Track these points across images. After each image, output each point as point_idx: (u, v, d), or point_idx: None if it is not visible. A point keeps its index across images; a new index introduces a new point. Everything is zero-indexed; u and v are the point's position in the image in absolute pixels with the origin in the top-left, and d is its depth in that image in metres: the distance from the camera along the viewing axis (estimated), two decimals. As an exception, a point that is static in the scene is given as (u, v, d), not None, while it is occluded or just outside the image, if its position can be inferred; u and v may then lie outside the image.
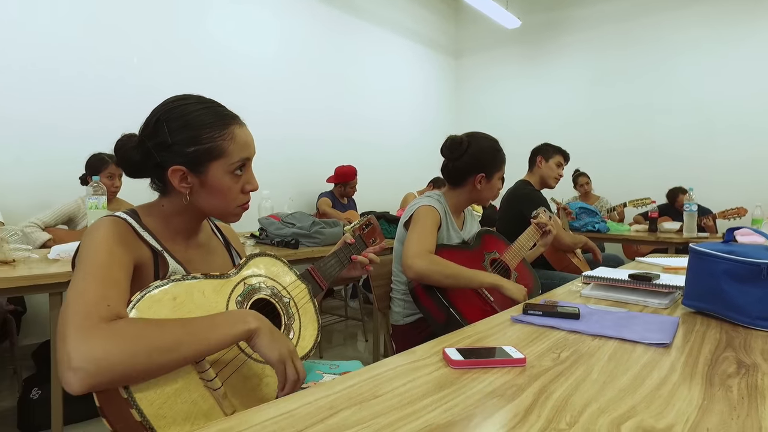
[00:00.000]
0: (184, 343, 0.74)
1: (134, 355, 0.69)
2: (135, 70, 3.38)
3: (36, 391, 2.20)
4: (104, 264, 0.80)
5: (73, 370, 0.65)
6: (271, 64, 4.21)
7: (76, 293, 0.75)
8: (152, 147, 0.92)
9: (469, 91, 6.25)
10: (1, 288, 1.58)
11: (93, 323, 0.70)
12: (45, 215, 2.64)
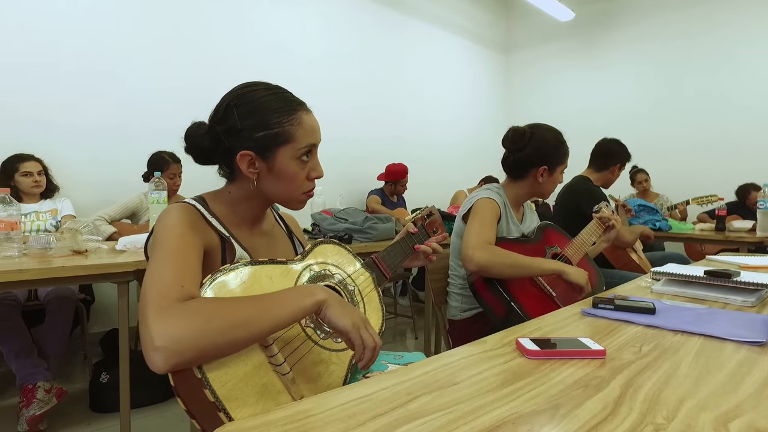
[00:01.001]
0: (255, 319, 0.74)
1: (210, 332, 0.70)
2: (187, 71, 3.48)
3: (105, 376, 2.31)
4: (177, 248, 0.82)
5: (156, 349, 0.67)
6: (319, 63, 4.26)
7: (152, 277, 0.77)
8: (222, 132, 0.93)
9: (519, 86, 6.11)
10: (76, 276, 1.66)
11: (169, 303, 0.71)
12: (111, 210, 2.77)
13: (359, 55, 4.56)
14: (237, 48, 3.74)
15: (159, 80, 3.36)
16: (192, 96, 3.48)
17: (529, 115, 5.99)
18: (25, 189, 2.63)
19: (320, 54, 4.26)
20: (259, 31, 3.86)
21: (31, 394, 2.04)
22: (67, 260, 1.75)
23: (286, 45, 4.02)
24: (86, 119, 3.07)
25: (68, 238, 1.89)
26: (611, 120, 5.27)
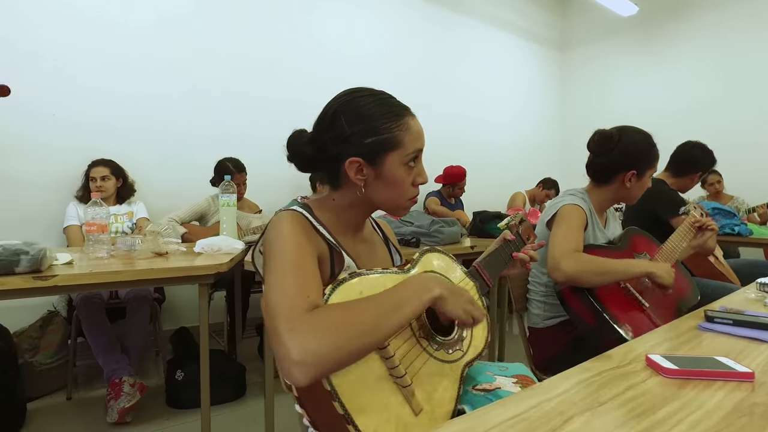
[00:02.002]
0: (382, 321, 0.74)
1: (344, 341, 0.70)
2: (245, 76, 3.55)
3: (180, 373, 2.38)
4: (296, 257, 0.82)
5: (296, 364, 0.67)
6: (376, 65, 4.26)
7: (277, 288, 0.77)
8: (329, 140, 0.93)
9: (576, 85, 5.93)
10: (162, 278, 1.72)
11: (298, 316, 0.71)
12: (181, 212, 2.86)
13: (415, 56, 4.54)
14: (292, 51, 3.78)
15: (220, 87, 3.45)
16: (251, 101, 3.57)
17: (586, 115, 5.81)
18: (92, 193, 2.75)
19: (376, 56, 4.27)
20: (315, 33, 3.90)
21: (119, 388, 2.13)
22: (150, 262, 1.81)
23: (342, 47, 4.04)
24: (154, 125, 3.18)
25: (151, 241, 1.96)
26: (676, 118, 5.03)
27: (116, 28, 3.05)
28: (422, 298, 0.79)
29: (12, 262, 1.47)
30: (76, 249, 2.31)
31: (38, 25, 2.81)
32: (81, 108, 2.94)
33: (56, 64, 2.86)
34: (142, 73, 3.14)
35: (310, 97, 3.82)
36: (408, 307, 0.77)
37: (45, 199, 2.85)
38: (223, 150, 3.18)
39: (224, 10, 3.45)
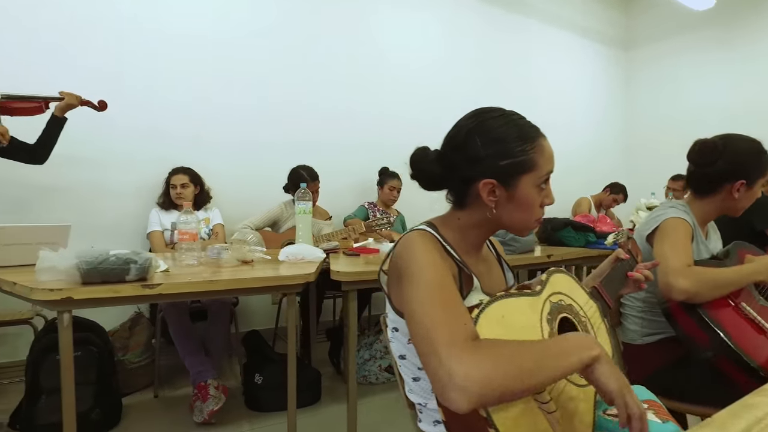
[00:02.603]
0: (544, 367, 0.72)
1: (508, 377, 0.69)
2: (309, 85, 3.61)
3: (258, 377, 2.45)
4: (441, 281, 0.82)
5: (459, 390, 0.67)
6: (434, 70, 4.24)
7: (429, 314, 0.76)
8: (460, 161, 0.93)
9: (641, 85, 5.70)
10: (255, 287, 1.77)
11: (462, 343, 0.71)
12: (255, 218, 2.94)
13: (474, 60, 4.49)
14: (354, 57, 3.81)
15: (289, 98, 3.53)
16: (318, 111, 3.63)
17: (652, 116, 5.57)
18: (173, 200, 2.87)
19: (436, 59, 4.25)
20: (375, 37, 3.91)
21: (205, 391, 2.21)
22: (237, 270, 1.87)
23: (402, 52, 4.04)
24: (229, 135, 3.30)
25: (237, 249, 2.02)
26: (758, 118, 4.75)
27: (194, 46, 3.17)
28: (583, 354, 0.75)
29: (123, 271, 1.55)
30: (159, 256, 2.41)
31: (124, 45, 2.96)
32: (160, 120, 3.08)
33: (137, 79, 3.00)
34: (217, 87, 3.25)
35: (371, 104, 3.86)
36: (568, 361, 0.74)
37: (129, 207, 3.01)
38: (294, 157, 3.25)
39: (294, 26, 3.53)
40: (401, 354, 0.98)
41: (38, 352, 2.11)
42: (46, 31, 2.74)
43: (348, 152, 3.73)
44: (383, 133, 3.91)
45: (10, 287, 1.58)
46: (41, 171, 2.40)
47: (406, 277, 0.85)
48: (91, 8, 2.85)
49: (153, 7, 3.04)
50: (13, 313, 2.50)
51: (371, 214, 3.39)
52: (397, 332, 0.97)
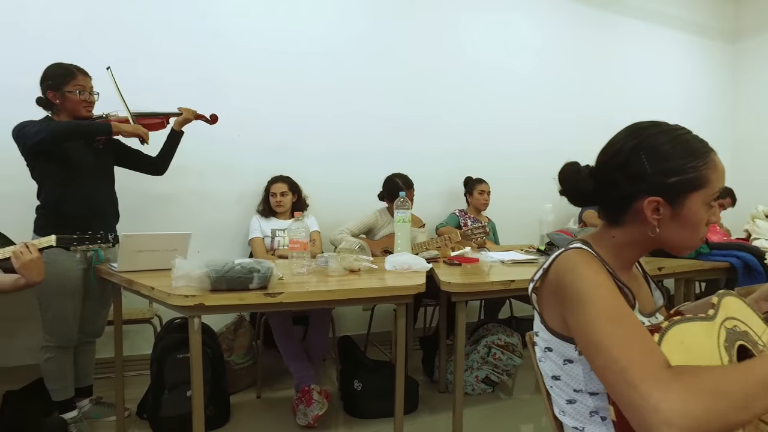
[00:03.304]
0: (754, 396, 0.66)
1: (719, 409, 0.63)
2: (400, 94, 3.63)
3: (358, 384, 2.48)
4: (619, 305, 0.78)
5: (669, 424, 0.62)
6: (522, 75, 4.11)
7: (615, 343, 0.72)
8: (621, 177, 0.89)
9: (751, 80, 5.23)
10: (369, 297, 1.79)
11: (659, 373, 0.67)
12: (352, 225, 2.99)
13: (568, 62, 4.31)
14: (441, 65, 3.78)
15: (378, 107, 3.57)
16: (407, 119, 3.64)
17: (763, 114, 5.10)
18: (273, 207, 2.98)
19: (525, 64, 4.12)
20: (462, 44, 3.86)
21: (309, 395, 2.27)
22: (347, 280, 1.90)
23: (489, 57, 3.95)
24: (323, 144, 3.40)
25: (345, 258, 2.06)
26: None
27: (290, 60, 3.29)
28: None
29: (247, 279, 1.62)
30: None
31: (225, 61, 3.13)
32: (259, 131, 3.22)
33: (240, 92, 3.16)
34: (311, 99, 3.36)
35: (456, 112, 3.82)
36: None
37: (230, 213, 3.16)
38: (385, 166, 3.28)
39: (382, 38, 3.57)
40: (555, 375, 0.95)
41: (161, 351, 2.27)
42: (158, 55, 2.96)
43: (435, 160, 3.71)
44: (469, 140, 3.86)
45: (148, 291, 1.70)
46: (152, 180, 2.57)
47: (575, 301, 0.81)
48: (192, 30, 3.05)
49: (253, 24, 3.19)
50: (136, 313, 2.70)
51: (462, 222, 3.35)
52: (551, 352, 0.94)
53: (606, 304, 0.77)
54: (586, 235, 0.99)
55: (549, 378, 0.97)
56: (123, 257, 1.94)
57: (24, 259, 1.67)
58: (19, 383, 2.50)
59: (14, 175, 2.52)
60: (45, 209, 2.16)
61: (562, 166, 1.00)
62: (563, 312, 0.86)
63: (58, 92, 2.13)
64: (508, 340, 2.67)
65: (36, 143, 1.98)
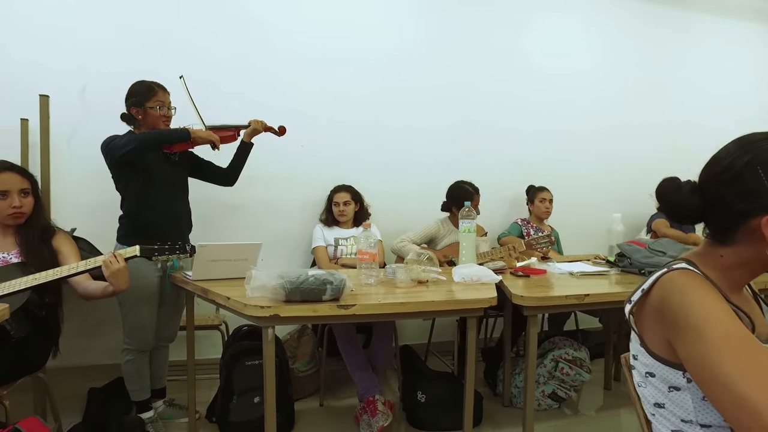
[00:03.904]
0: None
1: None
2: (460, 102, 3.59)
3: (421, 395, 2.46)
4: (741, 333, 0.73)
5: None
6: (590, 79, 3.96)
7: (742, 379, 0.68)
8: (733, 194, 0.83)
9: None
10: (440, 310, 1.77)
11: None
12: (414, 234, 2.98)
13: (635, 66, 4.12)
14: (502, 70, 3.70)
15: (441, 117, 3.54)
16: (466, 125, 3.59)
17: None
18: (335, 217, 3.00)
19: (591, 67, 3.98)
20: (524, 47, 3.75)
21: (373, 406, 2.27)
22: (417, 292, 1.89)
23: (550, 60, 3.84)
24: (384, 153, 3.41)
25: (413, 269, 2.05)
26: None
27: (349, 69, 3.32)
28: None
29: (321, 291, 1.64)
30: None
31: (288, 73, 3.21)
32: (322, 140, 3.27)
33: (303, 104, 3.22)
34: (372, 108, 3.37)
35: (517, 119, 3.74)
36: None
37: (293, 222, 3.22)
38: (445, 174, 3.24)
39: (440, 44, 3.53)
40: (658, 402, 0.89)
41: (230, 357, 2.33)
42: (228, 70, 3.07)
43: (495, 168, 3.64)
44: (530, 147, 3.76)
45: (224, 301, 1.75)
46: (219, 190, 2.65)
47: (688, 327, 0.76)
48: (255, 44, 3.14)
49: (313, 36, 3.24)
50: (204, 319, 2.79)
51: (525, 231, 3.27)
52: (653, 378, 0.89)
53: (726, 331, 0.72)
54: (688, 254, 0.93)
55: (650, 405, 0.92)
56: (197, 266, 2.01)
57: (113, 268, 1.76)
58: (100, 381, 2.64)
59: (99, 186, 2.70)
60: (127, 219, 2.27)
61: (659, 182, 0.95)
62: (669, 337, 0.82)
63: (141, 108, 2.24)
64: (576, 355, 2.57)
65: (125, 153, 2.08)
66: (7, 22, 2.75)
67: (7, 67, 2.77)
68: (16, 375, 1.82)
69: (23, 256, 1.93)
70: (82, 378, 2.76)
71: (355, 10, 3.34)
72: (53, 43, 2.82)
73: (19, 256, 1.93)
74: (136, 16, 2.93)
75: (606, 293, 1.92)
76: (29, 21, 2.79)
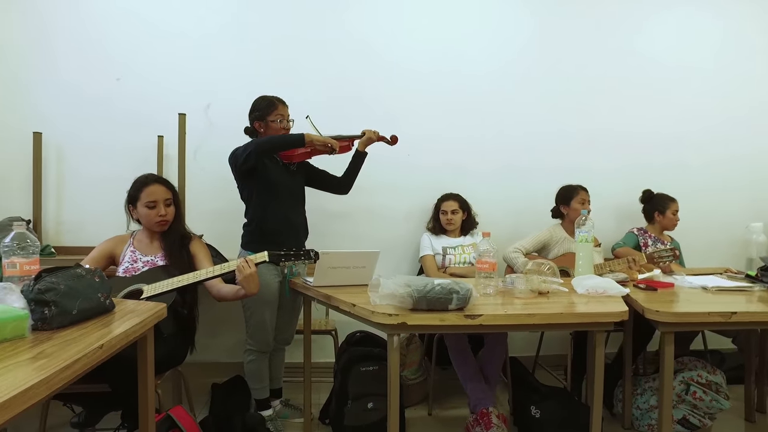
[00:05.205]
0: None
1: None
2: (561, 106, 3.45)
3: (535, 410, 2.37)
4: None
5: None
6: (711, 73, 3.62)
7: None
8: None
9: None
10: (567, 323, 1.70)
11: None
12: (525, 242, 2.89)
13: (758, 52, 3.71)
14: (613, 69, 3.49)
15: (543, 121, 3.43)
16: (574, 131, 3.45)
17: None
18: (443, 225, 2.99)
19: (712, 60, 3.62)
20: (637, 43, 3.50)
21: (487, 418, 2.22)
22: (532, 302, 1.83)
23: (670, 56, 3.55)
24: (490, 162, 3.37)
25: (532, 279, 1.99)
26: None
27: (454, 79, 3.33)
28: None
29: (447, 300, 1.63)
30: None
31: (394, 83, 3.28)
32: (428, 149, 3.29)
33: (409, 113, 3.26)
34: (477, 116, 3.35)
35: (634, 122, 3.52)
36: None
37: (399, 231, 3.26)
38: (553, 181, 3.12)
39: (545, 50, 3.43)
40: None
41: (346, 362, 2.39)
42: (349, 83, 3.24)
43: (606, 174, 3.44)
44: (644, 151, 3.52)
45: (349, 308, 1.80)
46: (328, 198, 2.75)
47: None
48: (371, 57, 3.26)
49: (419, 47, 3.29)
50: (317, 324, 2.90)
51: (642, 242, 3.06)
52: None
53: None
54: None
55: None
56: (319, 273, 2.08)
57: (245, 273, 1.88)
58: (220, 377, 2.82)
59: (220, 196, 2.91)
60: (250, 226, 2.42)
61: None
62: None
63: (263, 122, 2.39)
64: (711, 378, 2.35)
65: (245, 159, 2.23)
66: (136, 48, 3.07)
67: (144, 90, 3.09)
68: (165, 368, 2.00)
69: (167, 259, 2.12)
70: (204, 373, 2.97)
71: (463, 20, 3.34)
72: (181, 66, 3.10)
73: (163, 259, 2.12)
74: (257, 39, 3.17)
75: (758, 312, 1.74)
76: (152, 45, 3.11)
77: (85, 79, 3.05)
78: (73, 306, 1.29)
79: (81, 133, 3.06)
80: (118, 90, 3.08)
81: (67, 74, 3.04)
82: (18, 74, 3.02)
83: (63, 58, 3.04)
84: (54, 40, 3.04)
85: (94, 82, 3.06)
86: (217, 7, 3.13)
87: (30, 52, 3.02)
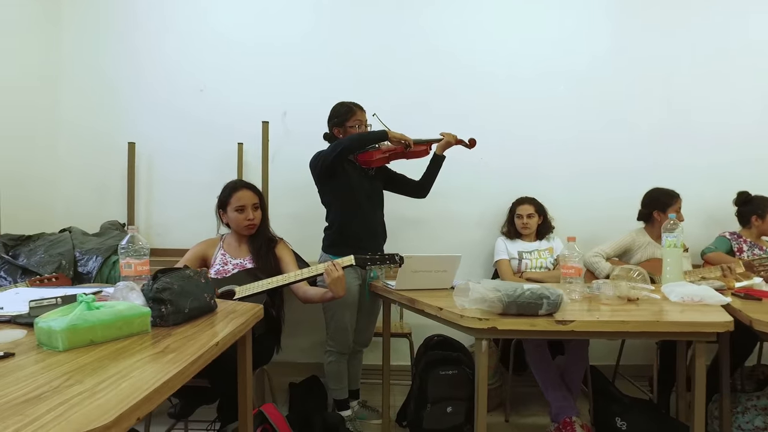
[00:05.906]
0: None
1: None
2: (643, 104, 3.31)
3: (621, 422, 2.28)
4: None
5: None
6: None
7: None
8: None
9: None
10: (661, 331, 1.64)
11: None
12: (607, 246, 2.79)
13: None
14: (705, 57, 3.29)
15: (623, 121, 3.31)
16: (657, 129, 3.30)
17: None
18: (518, 229, 2.94)
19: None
20: (733, 27, 3.29)
21: (571, 428, 2.17)
22: (620, 308, 1.76)
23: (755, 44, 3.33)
24: (569, 166, 3.29)
25: (620, 285, 1.92)
26: None
27: (529, 82, 3.29)
28: None
29: (537, 305, 1.61)
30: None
31: (469, 87, 3.27)
32: (501, 153, 3.26)
33: (483, 117, 3.24)
34: (551, 120, 3.29)
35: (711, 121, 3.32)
36: None
37: (473, 235, 3.24)
38: (633, 184, 3.00)
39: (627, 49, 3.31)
40: None
41: (425, 366, 2.40)
42: (424, 88, 3.28)
43: (693, 175, 3.24)
44: (739, 147, 3.29)
45: (435, 311, 1.81)
46: (402, 202, 2.78)
47: None
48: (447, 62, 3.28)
49: (493, 50, 3.28)
50: (394, 327, 2.92)
51: (737, 247, 2.87)
52: None
53: None
54: None
55: None
56: (402, 276, 2.11)
57: (333, 276, 1.94)
58: (296, 377, 2.90)
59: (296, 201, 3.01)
60: (331, 230, 2.49)
61: None
62: None
63: (341, 128, 2.45)
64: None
65: (335, 156, 2.32)
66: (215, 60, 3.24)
67: (225, 100, 3.25)
68: (255, 366, 2.09)
69: (254, 262, 2.21)
70: (282, 372, 3.06)
71: (541, 22, 3.31)
72: (258, 77, 3.26)
73: (251, 262, 2.21)
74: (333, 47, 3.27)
75: None
76: (228, 56, 3.27)
77: (171, 93, 3.27)
78: (185, 305, 1.38)
79: (168, 142, 3.27)
80: (201, 101, 3.27)
81: (156, 89, 3.27)
82: (114, 91, 3.27)
83: (151, 74, 3.27)
84: (144, 60, 3.28)
85: (179, 94, 3.27)
86: (294, 20, 3.26)
87: (124, 72, 3.27)
